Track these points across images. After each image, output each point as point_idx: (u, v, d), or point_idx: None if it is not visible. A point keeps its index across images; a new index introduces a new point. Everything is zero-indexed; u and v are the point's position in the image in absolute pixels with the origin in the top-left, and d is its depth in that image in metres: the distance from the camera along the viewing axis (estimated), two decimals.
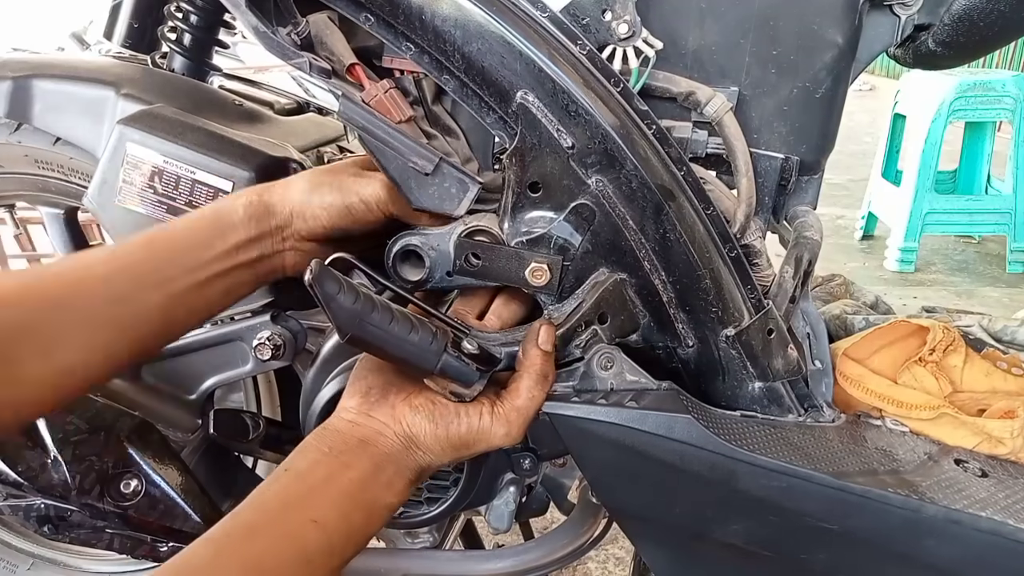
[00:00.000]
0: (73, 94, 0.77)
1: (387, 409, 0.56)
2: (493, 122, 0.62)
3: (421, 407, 0.56)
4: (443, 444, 0.56)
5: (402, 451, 0.55)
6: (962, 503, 0.58)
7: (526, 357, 0.58)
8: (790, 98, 0.64)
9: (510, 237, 0.62)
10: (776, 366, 0.64)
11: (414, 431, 0.55)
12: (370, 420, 0.55)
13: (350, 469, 0.52)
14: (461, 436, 0.56)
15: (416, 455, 0.55)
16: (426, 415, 0.56)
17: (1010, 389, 0.70)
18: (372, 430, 0.55)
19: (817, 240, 0.67)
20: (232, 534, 0.47)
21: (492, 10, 0.57)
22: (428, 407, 0.56)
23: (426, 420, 0.55)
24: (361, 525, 0.52)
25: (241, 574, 0.45)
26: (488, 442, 0.57)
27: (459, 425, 0.56)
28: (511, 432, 0.57)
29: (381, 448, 0.54)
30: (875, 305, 0.91)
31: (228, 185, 0.68)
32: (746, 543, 0.64)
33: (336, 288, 0.51)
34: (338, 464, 0.52)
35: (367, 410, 0.56)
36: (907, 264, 3.04)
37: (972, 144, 3.31)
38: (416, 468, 0.55)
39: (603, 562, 1.41)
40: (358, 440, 0.54)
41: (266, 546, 0.47)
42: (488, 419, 0.56)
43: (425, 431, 0.55)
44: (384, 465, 0.54)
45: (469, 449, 0.57)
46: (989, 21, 0.61)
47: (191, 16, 0.88)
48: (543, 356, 0.58)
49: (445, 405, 0.56)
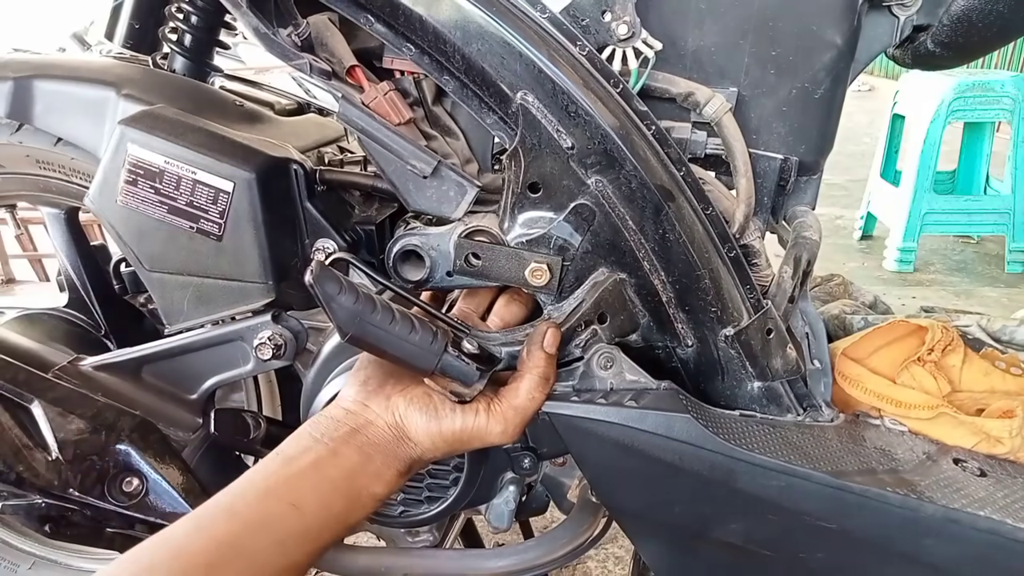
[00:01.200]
0: (74, 95, 0.77)
1: (382, 400, 0.57)
2: (493, 123, 0.62)
3: (416, 399, 0.56)
4: (435, 439, 0.56)
5: (392, 442, 0.55)
6: (961, 502, 0.58)
7: (530, 358, 0.59)
8: (789, 99, 0.65)
9: (510, 237, 0.62)
10: (775, 366, 0.65)
11: (406, 423, 0.56)
12: (364, 409, 0.56)
13: (337, 456, 0.53)
14: (455, 432, 0.56)
15: (407, 446, 0.56)
16: (420, 408, 0.56)
17: (1008, 389, 0.70)
18: (364, 419, 0.55)
19: (816, 240, 0.67)
20: (214, 513, 0.49)
21: (492, 11, 0.57)
22: (423, 400, 0.56)
23: (420, 413, 0.56)
24: (342, 512, 0.52)
25: (215, 551, 0.46)
26: (483, 440, 0.57)
27: (453, 421, 0.56)
28: (507, 431, 0.57)
29: (371, 438, 0.55)
30: (874, 305, 0.92)
31: (229, 185, 0.68)
32: (745, 542, 0.64)
33: (337, 288, 0.51)
34: (326, 451, 0.53)
35: (363, 399, 0.57)
36: (906, 264, 3.04)
37: (971, 144, 3.30)
38: (406, 460, 0.56)
39: (603, 561, 1.41)
40: (349, 428, 0.55)
41: (242, 526, 0.48)
42: (484, 417, 0.56)
43: (417, 424, 0.56)
44: (372, 455, 0.54)
45: (463, 445, 0.57)
46: (988, 22, 0.61)
47: (192, 17, 0.88)
48: (547, 359, 0.58)
49: (442, 400, 0.56)
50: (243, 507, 0.49)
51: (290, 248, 0.72)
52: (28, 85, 0.78)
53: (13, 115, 0.80)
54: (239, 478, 0.51)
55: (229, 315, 0.75)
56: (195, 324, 0.75)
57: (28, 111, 0.79)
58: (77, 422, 0.79)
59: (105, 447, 0.80)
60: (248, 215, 0.69)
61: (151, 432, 0.81)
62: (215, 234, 0.70)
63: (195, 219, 0.69)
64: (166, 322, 0.75)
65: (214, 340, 0.78)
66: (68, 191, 0.87)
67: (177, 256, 0.71)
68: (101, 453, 0.80)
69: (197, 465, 0.84)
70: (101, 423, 0.79)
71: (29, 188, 0.89)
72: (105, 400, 0.80)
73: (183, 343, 0.80)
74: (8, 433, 0.78)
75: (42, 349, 0.88)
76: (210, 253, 0.71)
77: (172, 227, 0.70)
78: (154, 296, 0.74)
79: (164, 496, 0.80)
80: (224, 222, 0.69)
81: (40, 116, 0.79)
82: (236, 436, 0.82)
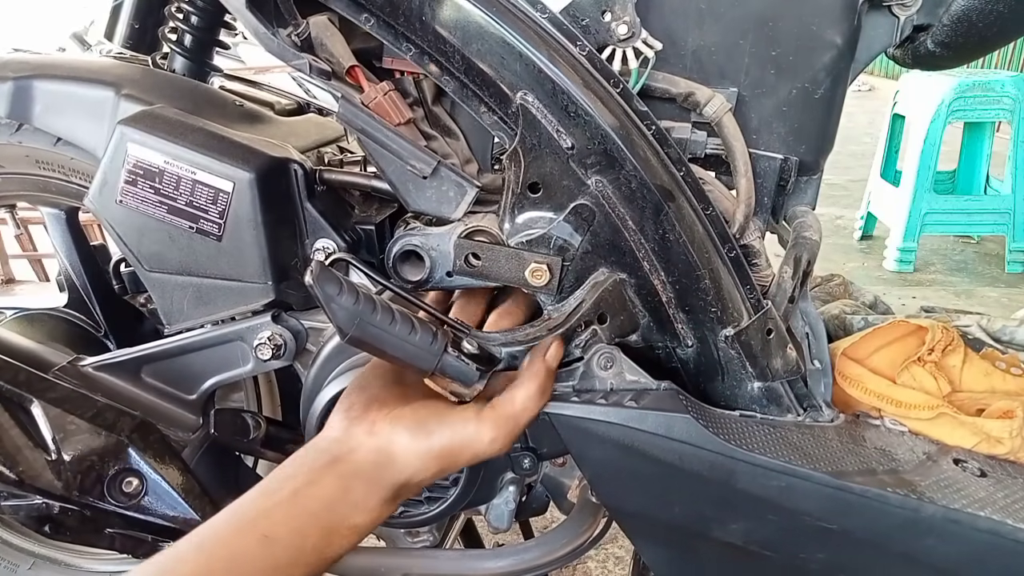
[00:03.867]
0: (74, 95, 0.77)
1: (366, 425, 0.55)
2: (493, 123, 0.62)
3: (401, 419, 0.54)
4: (424, 457, 0.54)
5: (375, 468, 0.53)
6: (961, 503, 0.58)
7: (531, 367, 0.57)
8: (789, 99, 0.65)
9: (510, 237, 0.62)
10: (775, 366, 0.65)
11: (392, 446, 0.54)
12: (347, 437, 0.54)
13: (315, 487, 0.52)
14: (444, 446, 0.54)
15: (392, 471, 0.54)
16: (406, 427, 0.54)
17: (1009, 389, 0.70)
18: (346, 448, 0.54)
19: (816, 240, 0.67)
20: (185, 550, 0.48)
21: (492, 11, 0.57)
22: (409, 419, 0.54)
23: (406, 432, 0.54)
24: (318, 544, 0.51)
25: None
26: (473, 450, 0.55)
27: (442, 434, 0.54)
28: (497, 439, 0.55)
29: (352, 466, 0.53)
30: (874, 305, 0.92)
31: (228, 185, 0.68)
32: (745, 542, 0.64)
33: (336, 288, 0.51)
34: (304, 482, 0.52)
35: (346, 427, 0.55)
36: (906, 264, 3.05)
37: (971, 144, 3.31)
38: (392, 486, 0.54)
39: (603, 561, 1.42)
40: (330, 458, 0.53)
41: (207, 564, 0.47)
42: (474, 426, 0.54)
43: (404, 444, 0.54)
44: (353, 484, 0.52)
45: (454, 459, 0.55)
46: (988, 22, 0.61)
47: (192, 17, 0.88)
48: (547, 370, 0.57)
49: (427, 417, 0.55)
50: (212, 543, 0.48)
51: (290, 248, 0.72)
52: (28, 85, 0.78)
53: (13, 115, 0.79)
54: (222, 511, 0.50)
55: (229, 315, 0.75)
56: (195, 324, 0.75)
57: (28, 111, 0.79)
58: (77, 422, 0.79)
59: (104, 447, 0.80)
60: (248, 215, 0.69)
61: (151, 432, 0.81)
62: (215, 234, 0.70)
63: (195, 219, 0.69)
64: (166, 322, 0.75)
65: (214, 340, 0.78)
66: (68, 191, 0.87)
67: (177, 256, 0.71)
68: (101, 453, 0.80)
69: (197, 465, 0.84)
70: (101, 423, 0.79)
71: (29, 188, 0.89)
72: (105, 400, 0.80)
73: (183, 343, 0.80)
74: (8, 433, 0.78)
75: (42, 349, 0.88)
76: (210, 253, 0.70)
77: (172, 227, 0.70)
78: (154, 296, 0.74)
79: (164, 496, 0.80)
80: (224, 222, 0.69)
81: (40, 116, 0.79)
82: (236, 436, 0.82)
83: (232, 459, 0.93)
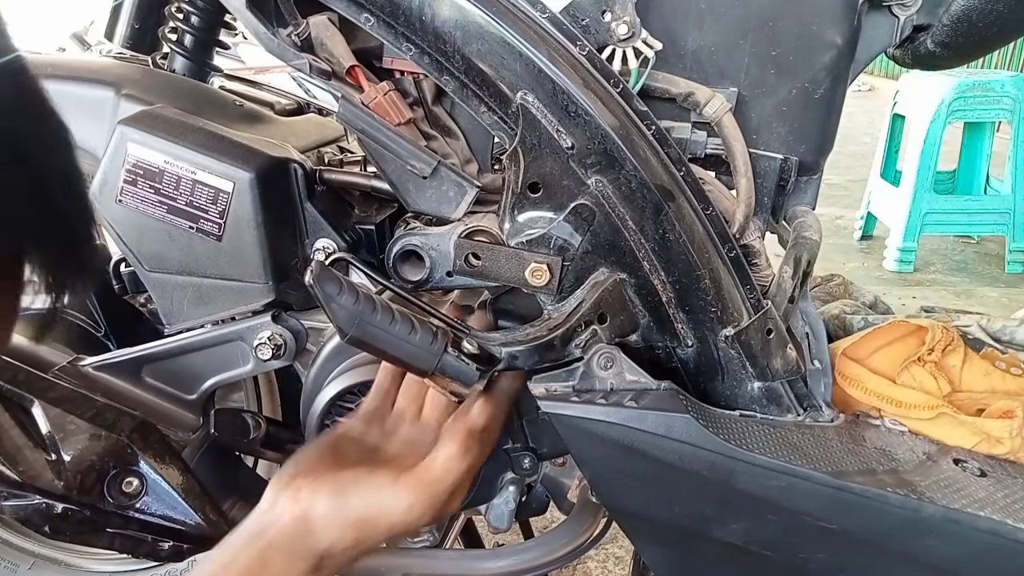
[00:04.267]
0: (74, 94, 0.77)
1: (290, 492, 0.54)
2: (493, 123, 0.62)
3: (323, 485, 0.54)
4: (341, 525, 0.53)
5: (293, 539, 0.52)
6: (961, 503, 0.58)
7: (452, 427, 0.56)
8: (789, 99, 0.65)
9: (510, 237, 0.62)
10: (775, 366, 0.65)
11: (310, 512, 0.53)
12: (271, 508, 0.54)
13: (235, 564, 0.51)
14: (358, 513, 0.53)
15: (310, 541, 0.53)
16: (326, 494, 0.53)
17: (1009, 389, 0.70)
18: (267, 521, 0.53)
19: (816, 240, 0.67)
20: None
21: (492, 11, 0.57)
22: (330, 484, 0.54)
23: (324, 499, 0.53)
24: None
25: None
26: (389, 519, 0.53)
27: (357, 500, 0.53)
28: (415, 505, 0.53)
29: (270, 540, 0.52)
30: (874, 305, 0.92)
31: (228, 185, 0.68)
32: (745, 542, 0.64)
33: (336, 288, 0.51)
34: (227, 561, 0.52)
35: (273, 497, 0.55)
36: (906, 264, 3.04)
37: (971, 144, 3.31)
38: (313, 555, 0.53)
39: (603, 561, 1.42)
40: (250, 535, 0.53)
41: None
42: (389, 491, 0.53)
43: (321, 511, 0.53)
44: (271, 558, 0.52)
45: (371, 528, 0.53)
46: (988, 22, 0.61)
47: (192, 17, 0.88)
48: (469, 431, 0.56)
49: (346, 483, 0.54)
50: None
51: (290, 248, 0.72)
52: None
53: None
54: None
55: (229, 315, 0.75)
56: (195, 324, 0.75)
57: None
58: (77, 422, 0.79)
59: (104, 447, 0.80)
60: (248, 215, 0.69)
61: (151, 432, 0.81)
62: (215, 234, 0.70)
63: (195, 219, 0.69)
64: (166, 322, 0.75)
65: (214, 340, 0.78)
66: None
67: (177, 256, 0.71)
68: (100, 453, 0.80)
69: (197, 465, 0.84)
70: (101, 423, 0.79)
71: None
72: (105, 400, 0.80)
73: (183, 343, 0.80)
74: (8, 433, 0.78)
75: (42, 349, 0.88)
76: (210, 253, 0.70)
77: (172, 227, 0.70)
78: (154, 296, 0.74)
79: (164, 496, 0.80)
80: (224, 222, 0.69)
81: None
82: (236, 436, 0.82)
83: (232, 459, 0.93)
